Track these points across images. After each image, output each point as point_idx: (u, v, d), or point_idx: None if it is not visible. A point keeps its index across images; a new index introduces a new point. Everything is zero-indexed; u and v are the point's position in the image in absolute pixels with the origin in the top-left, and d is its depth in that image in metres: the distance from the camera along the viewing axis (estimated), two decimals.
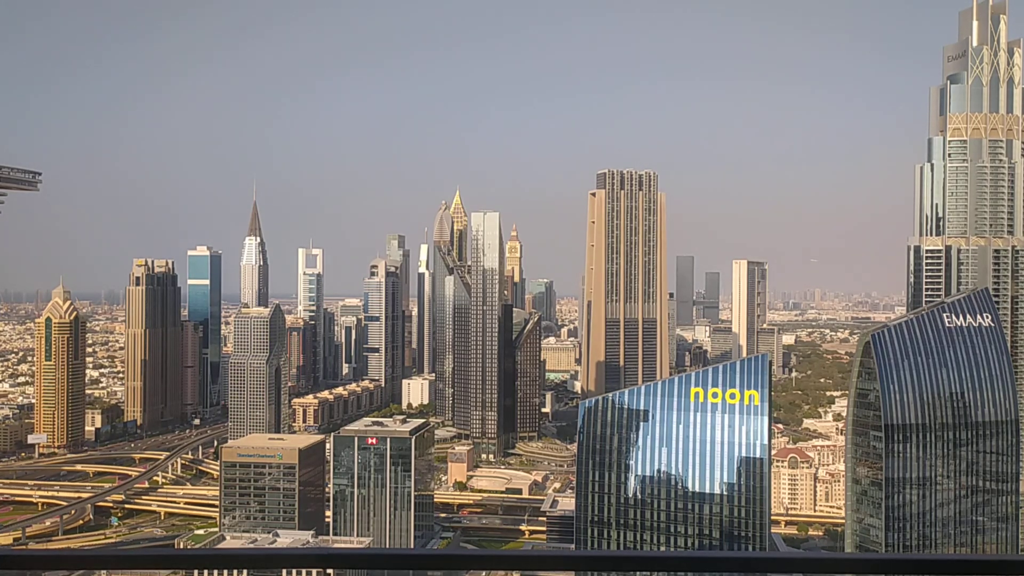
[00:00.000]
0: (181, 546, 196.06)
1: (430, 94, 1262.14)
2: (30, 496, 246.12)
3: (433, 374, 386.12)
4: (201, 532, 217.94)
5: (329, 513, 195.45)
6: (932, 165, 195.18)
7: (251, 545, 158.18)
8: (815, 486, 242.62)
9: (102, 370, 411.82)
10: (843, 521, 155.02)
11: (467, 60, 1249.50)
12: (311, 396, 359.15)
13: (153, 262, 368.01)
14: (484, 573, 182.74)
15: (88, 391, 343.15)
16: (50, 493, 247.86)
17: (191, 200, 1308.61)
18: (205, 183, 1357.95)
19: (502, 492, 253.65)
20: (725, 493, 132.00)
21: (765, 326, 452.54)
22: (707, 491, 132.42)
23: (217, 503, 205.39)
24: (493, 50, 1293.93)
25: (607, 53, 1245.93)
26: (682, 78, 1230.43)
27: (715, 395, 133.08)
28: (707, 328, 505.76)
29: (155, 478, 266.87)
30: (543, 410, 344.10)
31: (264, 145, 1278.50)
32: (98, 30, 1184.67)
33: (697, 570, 6.78)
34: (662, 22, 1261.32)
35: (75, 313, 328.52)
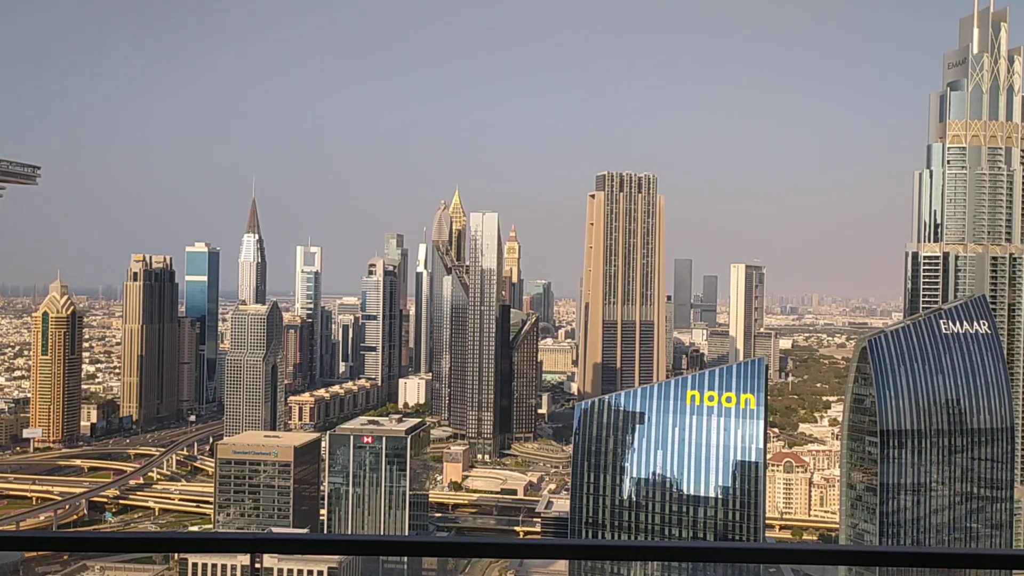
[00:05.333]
0: None
1: (430, 93, 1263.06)
2: (25, 491, 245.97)
3: (430, 374, 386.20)
4: (195, 528, 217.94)
5: (324, 511, 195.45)
6: (931, 171, 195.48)
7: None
8: (810, 491, 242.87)
9: (98, 365, 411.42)
10: (837, 526, 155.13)
11: (468, 59, 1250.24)
12: (307, 394, 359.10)
13: (151, 258, 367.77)
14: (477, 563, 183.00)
15: (84, 386, 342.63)
16: (45, 488, 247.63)
17: (189, 196, 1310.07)
18: (204, 179, 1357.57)
19: (497, 492, 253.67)
20: (720, 496, 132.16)
21: (762, 330, 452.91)
22: (702, 494, 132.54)
23: (212, 500, 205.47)
24: (494, 49, 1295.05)
25: (608, 52, 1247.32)
26: (682, 80, 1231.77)
27: (711, 398, 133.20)
28: (704, 331, 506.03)
29: (150, 474, 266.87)
30: (539, 411, 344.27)
31: (263, 142, 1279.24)
32: (96, 25, 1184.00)
33: (683, 560, 6.86)
34: (663, 23, 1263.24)
35: (72, 308, 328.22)
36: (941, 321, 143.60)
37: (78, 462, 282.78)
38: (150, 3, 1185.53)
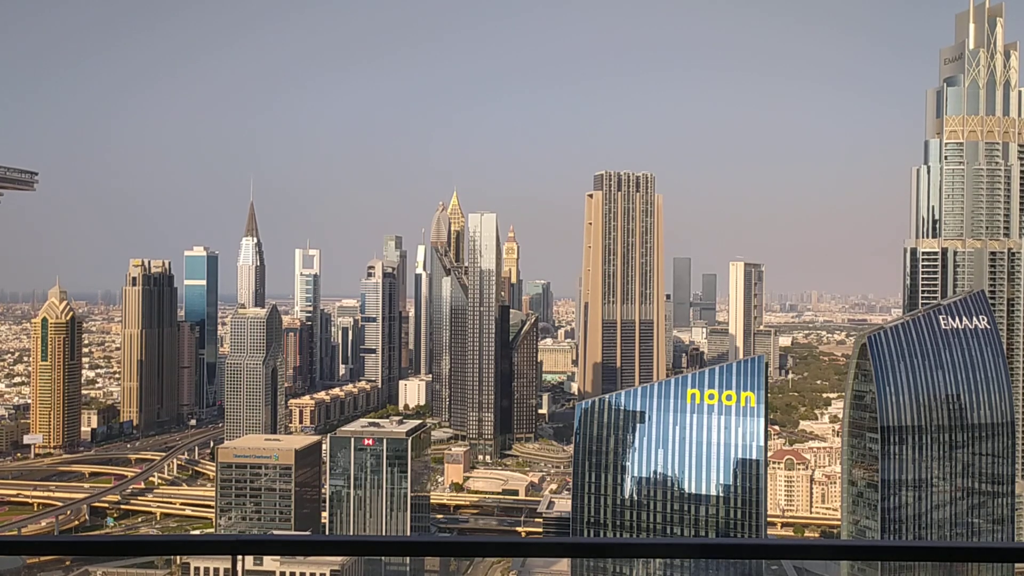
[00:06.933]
0: None
1: (427, 93, 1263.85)
2: (26, 497, 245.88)
3: (430, 375, 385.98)
4: (196, 533, 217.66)
5: (325, 514, 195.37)
6: (929, 167, 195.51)
7: None
8: (811, 488, 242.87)
9: (98, 370, 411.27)
10: (839, 523, 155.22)
11: (465, 59, 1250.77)
12: (307, 397, 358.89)
13: (150, 262, 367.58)
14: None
15: (84, 391, 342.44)
16: (46, 494, 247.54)
17: (188, 200, 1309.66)
18: (202, 183, 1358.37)
19: (498, 493, 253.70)
20: (721, 495, 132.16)
21: (762, 328, 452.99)
22: (703, 493, 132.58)
23: (213, 504, 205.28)
24: (491, 48, 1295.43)
25: (605, 50, 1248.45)
26: (678, 77, 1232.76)
27: (711, 397, 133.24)
28: (704, 330, 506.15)
29: (151, 479, 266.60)
30: (540, 411, 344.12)
31: (261, 145, 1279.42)
32: (93, 30, 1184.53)
33: (685, 557, 6.86)
34: (660, 20, 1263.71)
35: (71, 313, 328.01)
36: (940, 317, 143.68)
37: (79, 467, 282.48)
38: (145, 7, 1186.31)
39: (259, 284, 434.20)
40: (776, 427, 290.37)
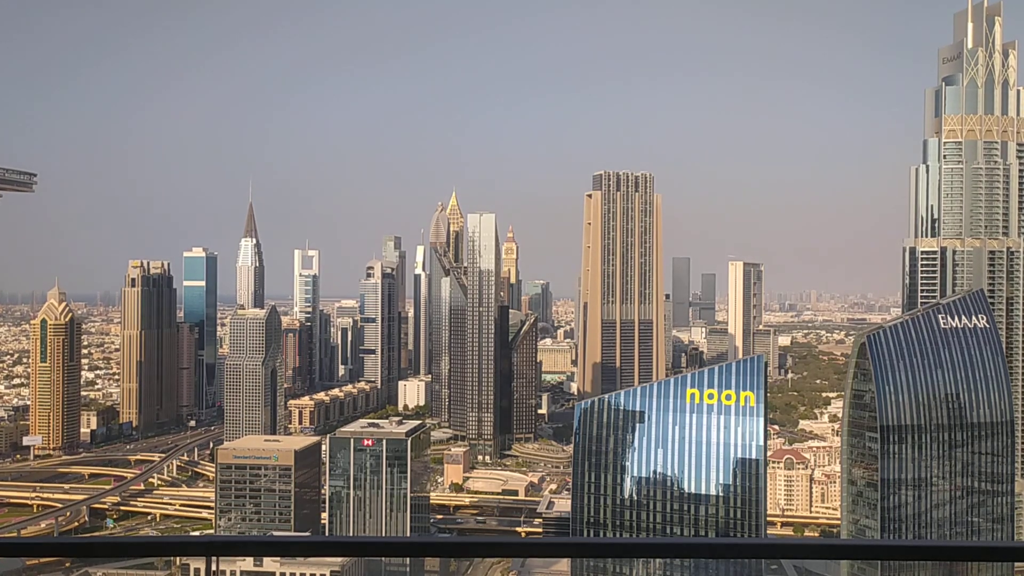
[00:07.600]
0: None
1: (426, 94, 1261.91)
2: (25, 498, 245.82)
3: (429, 375, 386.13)
4: (196, 534, 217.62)
5: (325, 515, 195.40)
6: (927, 167, 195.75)
7: None
8: (811, 487, 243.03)
9: (97, 372, 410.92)
10: (839, 522, 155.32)
11: (461, 60, 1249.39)
12: (307, 398, 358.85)
13: (149, 263, 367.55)
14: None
15: (84, 393, 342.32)
16: (45, 495, 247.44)
17: (187, 201, 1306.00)
18: (201, 184, 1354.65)
19: (498, 493, 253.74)
20: (721, 494, 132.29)
21: (761, 327, 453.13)
22: (703, 492, 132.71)
23: (213, 505, 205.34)
24: (488, 50, 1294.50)
25: (603, 51, 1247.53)
26: (677, 78, 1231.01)
27: (711, 396, 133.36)
28: (703, 329, 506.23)
29: (151, 480, 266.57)
30: (539, 411, 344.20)
31: (260, 146, 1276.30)
32: (93, 32, 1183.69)
33: (685, 556, 6.87)
34: (657, 21, 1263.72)
35: (70, 315, 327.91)
36: (939, 316, 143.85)
37: (78, 469, 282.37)
38: (148, 10, 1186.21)
39: (258, 285, 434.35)
40: (776, 427, 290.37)
